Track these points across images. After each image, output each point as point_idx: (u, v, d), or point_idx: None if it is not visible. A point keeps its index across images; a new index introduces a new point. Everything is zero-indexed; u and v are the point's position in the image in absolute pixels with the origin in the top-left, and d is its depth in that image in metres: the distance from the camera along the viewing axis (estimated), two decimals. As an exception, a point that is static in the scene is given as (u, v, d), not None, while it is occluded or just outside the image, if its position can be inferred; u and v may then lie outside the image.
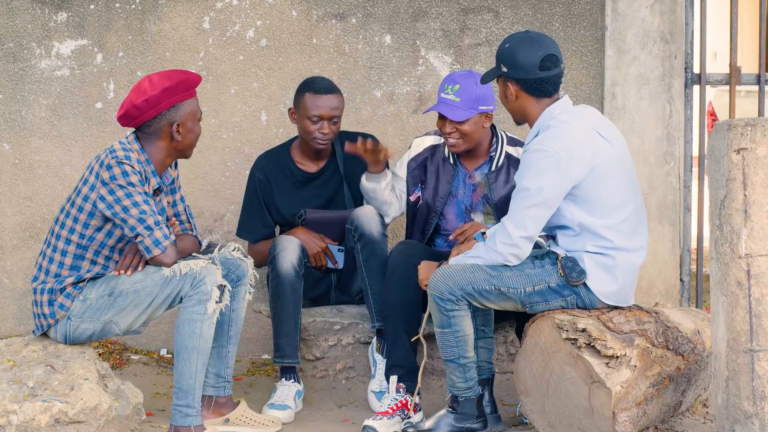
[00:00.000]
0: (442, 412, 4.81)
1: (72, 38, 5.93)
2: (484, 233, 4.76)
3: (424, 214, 5.29)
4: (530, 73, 4.62)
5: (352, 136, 5.55)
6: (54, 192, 5.94)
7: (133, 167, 4.59)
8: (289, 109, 5.47)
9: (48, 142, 5.95)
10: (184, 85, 4.70)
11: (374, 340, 5.33)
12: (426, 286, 4.74)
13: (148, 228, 4.59)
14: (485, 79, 4.78)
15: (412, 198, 5.32)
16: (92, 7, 5.93)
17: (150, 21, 5.94)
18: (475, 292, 4.62)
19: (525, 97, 4.66)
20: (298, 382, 5.23)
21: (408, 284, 5.01)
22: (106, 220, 4.66)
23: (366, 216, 5.28)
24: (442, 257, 5.02)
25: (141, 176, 4.62)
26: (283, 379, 5.23)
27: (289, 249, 5.23)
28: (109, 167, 4.59)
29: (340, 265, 5.44)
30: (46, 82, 5.94)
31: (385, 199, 5.36)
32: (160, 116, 4.68)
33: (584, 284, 4.63)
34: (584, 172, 4.57)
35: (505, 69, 4.65)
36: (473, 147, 5.19)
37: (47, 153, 5.95)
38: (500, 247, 4.60)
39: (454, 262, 4.70)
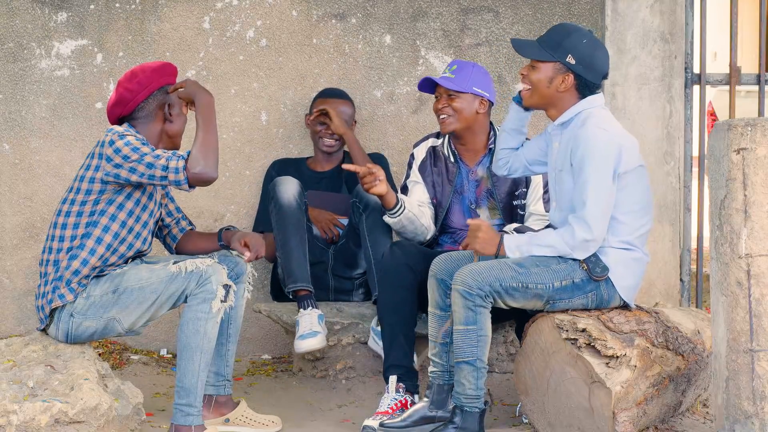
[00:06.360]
0: (437, 425, 4.70)
1: (72, 38, 5.93)
2: (520, 92, 4.71)
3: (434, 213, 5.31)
4: (596, 78, 4.66)
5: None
6: (54, 192, 5.93)
7: (135, 136, 4.61)
8: (306, 115, 5.79)
9: (48, 142, 5.95)
10: (167, 69, 4.78)
11: (375, 319, 5.31)
12: (474, 252, 4.72)
13: (164, 168, 4.54)
14: (533, 52, 4.66)
15: (434, 201, 5.31)
16: (92, 7, 5.93)
17: (150, 21, 5.94)
18: (501, 289, 4.56)
19: (572, 92, 4.66)
20: (316, 308, 5.25)
21: (402, 285, 5.00)
22: (118, 192, 4.64)
23: None
24: (433, 257, 4.95)
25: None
26: (302, 310, 5.25)
27: (289, 183, 5.37)
28: (111, 142, 4.59)
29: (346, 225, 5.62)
30: (46, 82, 5.93)
31: (417, 226, 5.26)
32: (152, 97, 4.72)
33: (607, 279, 4.62)
34: (635, 161, 4.60)
35: (573, 61, 4.61)
36: (466, 133, 5.21)
37: (47, 153, 5.95)
38: (580, 234, 4.56)
39: (515, 244, 4.66)
